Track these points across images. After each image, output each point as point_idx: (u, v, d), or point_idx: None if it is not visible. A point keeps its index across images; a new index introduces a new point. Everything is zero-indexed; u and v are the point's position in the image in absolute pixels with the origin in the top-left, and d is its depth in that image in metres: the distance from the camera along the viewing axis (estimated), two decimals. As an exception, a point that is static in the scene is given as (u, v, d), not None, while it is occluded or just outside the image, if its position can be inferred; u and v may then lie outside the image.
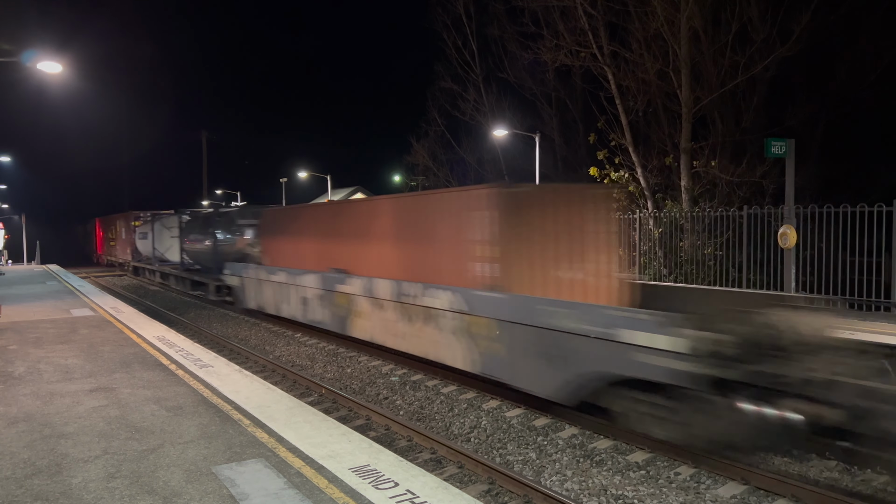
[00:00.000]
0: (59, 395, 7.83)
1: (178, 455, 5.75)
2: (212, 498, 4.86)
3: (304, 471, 5.33)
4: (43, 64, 15.15)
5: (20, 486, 5.14)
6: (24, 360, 10.00)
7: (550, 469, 7.44)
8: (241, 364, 13.00)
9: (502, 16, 27.33)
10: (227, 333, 17.26)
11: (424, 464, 7.61)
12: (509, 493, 6.81)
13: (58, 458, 5.74)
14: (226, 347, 15.19)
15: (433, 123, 34.27)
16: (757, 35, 17.60)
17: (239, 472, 5.32)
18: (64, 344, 11.34)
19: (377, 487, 4.98)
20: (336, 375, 12.27)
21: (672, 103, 19.38)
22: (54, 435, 6.36)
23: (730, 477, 6.89)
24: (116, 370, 9.18)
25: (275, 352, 14.68)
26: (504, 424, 8.91)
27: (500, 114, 30.57)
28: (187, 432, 6.37)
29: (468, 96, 31.62)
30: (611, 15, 19.83)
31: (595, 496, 6.73)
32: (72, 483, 5.19)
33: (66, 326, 13.44)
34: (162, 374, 8.90)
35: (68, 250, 59.59)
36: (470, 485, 7.04)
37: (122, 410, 7.17)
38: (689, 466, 7.22)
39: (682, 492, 6.69)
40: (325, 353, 14.09)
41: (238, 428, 6.49)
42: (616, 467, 7.37)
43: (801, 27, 16.84)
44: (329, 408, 10.09)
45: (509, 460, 7.76)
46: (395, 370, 12.22)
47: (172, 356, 10.16)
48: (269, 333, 16.88)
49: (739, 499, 6.51)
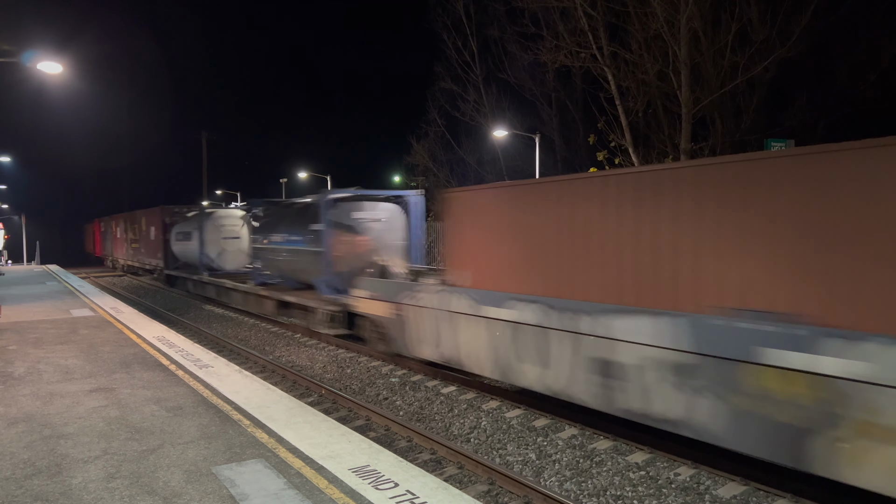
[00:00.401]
0: (59, 396, 7.83)
1: (178, 455, 5.75)
2: (212, 498, 4.86)
3: (304, 471, 5.33)
4: (43, 64, 15.15)
5: (20, 486, 5.14)
6: (24, 360, 10.00)
7: (550, 469, 7.44)
8: (240, 364, 13.00)
9: (502, 16, 27.37)
10: (226, 334, 17.26)
11: (424, 464, 7.61)
12: (509, 493, 6.81)
13: (58, 458, 5.74)
14: (226, 348, 15.18)
15: (433, 124, 34.31)
16: (757, 36, 17.62)
17: (239, 473, 5.32)
18: (64, 344, 11.34)
19: (377, 488, 4.98)
20: (336, 376, 12.27)
21: (672, 104, 19.40)
22: (54, 435, 6.36)
23: (730, 477, 6.89)
24: (116, 370, 9.18)
25: (274, 352, 14.68)
26: (504, 425, 8.91)
27: (500, 114, 30.60)
28: (187, 433, 6.37)
29: (468, 97, 31.67)
30: (611, 16, 19.86)
31: (595, 497, 6.73)
32: (72, 483, 5.19)
33: (66, 327, 13.44)
34: (162, 375, 8.90)
35: (68, 251, 59.61)
36: (470, 485, 7.04)
37: (121, 411, 7.16)
38: (689, 467, 7.21)
39: (682, 492, 6.69)
40: (325, 354, 14.08)
41: (238, 428, 6.49)
42: (616, 468, 7.37)
43: (801, 28, 16.87)
44: (329, 408, 10.09)
45: (509, 461, 7.76)
46: (394, 370, 12.22)
47: (172, 356, 10.16)
48: (269, 334, 16.88)
49: (740, 499, 6.51)
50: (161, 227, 29.05)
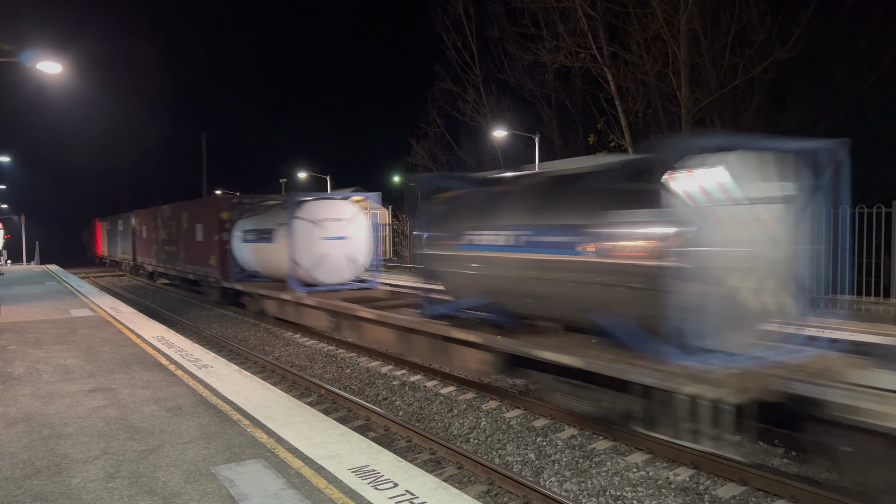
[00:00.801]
0: (59, 396, 7.83)
1: (177, 455, 5.75)
2: (211, 498, 4.86)
3: (303, 471, 5.34)
4: (43, 64, 15.16)
5: (19, 486, 5.14)
6: (24, 360, 10.00)
7: (549, 470, 7.44)
8: (240, 364, 12.99)
9: (502, 17, 27.40)
10: (226, 334, 17.25)
11: (424, 464, 7.61)
12: (508, 493, 6.81)
13: (57, 458, 5.74)
14: (225, 348, 15.18)
15: (433, 124, 34.35)
16: (756, 37, 17.65)
17: (238, 473, 5.32)
18: (63, 344, 11.33)
19: (376, 488, 4.98)
20: (335, 376, 12.27)
21: (671, 105, 19.42)
22: (53, 435, 6.36)
23: (729, 478, 6.89)
24: (116, 370, 9.18)
25: (274, 352, 14.68)
26: (503, 425, 8.91)
27: (500, 115, 30.61)
28: (187, 433, 6.37)
29: (468, 97, 31.68)
30: (610, 16, 19.89)
31: (594, 497, 6.73)
32: (71, 483, 5.19)
33: (66, 327, 13.43)
34: (161, 375, 8.90)
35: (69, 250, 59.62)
36: (469, 485, 7.04)
37: (121, 411, 7.16)
38: (688, 468, 7.22)
39: (682, 493, 6.69)
40: (323, 354, 14.08)
41: (237, 428, 6.49)
42: (615, 468, 7.37)
43: (801, 28, 16.89)
44: (328, 408, 10.09)
45: (508, 461, 7.76)
46: (393, 371, 12.22)
47: (172, 356, 10.16)
48: (269, 334, 16.87)
49: (738, 500, 6.51)
50: (216, 224, 21.00)
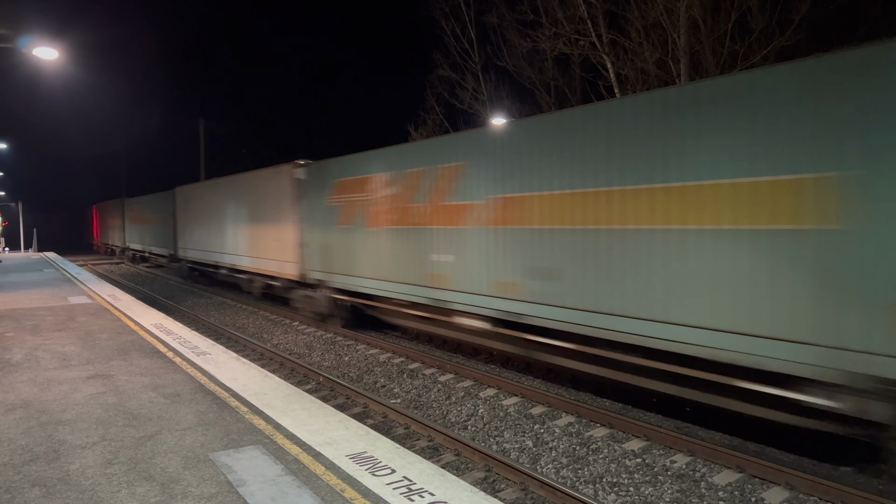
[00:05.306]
0: (57, 383, 7.83)
1: (175, 442, 5.77)
2: (209, 484, 4.87)
3: (301, 457, 5.35)
4: (39, 50, 15.04)
5: (18, 472, 5.16)
6: (22, 347, 10.00)
7: (547, 457, 7.48)
8: (238, 352, 13.02)
9: (501, 4, 27.17)
10: (224, 321, 17.26)
11: (421, 451, 7.64)
12: (506, 480, 6.85)
13: (55, 444, 5.76)
14: (223, 335, 15.20)
15: (431, 111, 34.11)
16: (756, 24, 17.54)
17: (236, 459, 5.34)
18: (61, 331, 11.33)
19: (374, 474, 5.00)
20: (334, 363, 12.29)
21: (671, 92, 19.31)
22: (52, 422, 6.37)
23: (725, 465, 6.93)
24: (114, 357, 9.19)
25: (272, 340, 14.70)
26: (501, 412, 8.94)
27: (499, 102, 30.47)
28: (185, 419, 6.39)
29: (466, 84, 31.49)
30: (610, 3, 19.75)
31: (591, 483, 6.77)
32: (69, 469, 5.20)
33: (64, 314, 13.43)
34: (159, 362, 8.91)
35: (67, 237, 59.52)
36: (467, 472, 7.08)
37: (119, 397, 7.18)
38: (685, 455, 7.26)
39: (678, 479, 6.73)
40: (322, 342, 14.10)
41: (235, 415, 6.50)
42: (612, 455, 7.41)
43: (801, 17, 16.79)
44: (327, 395, 10.12)
45: (506, 448, 7.80)
46: (392, 359, 12.25)
47: (170, 344, 10.17)
48: (267, 322, 16.89)
49: (735, 486, 6.55)
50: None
